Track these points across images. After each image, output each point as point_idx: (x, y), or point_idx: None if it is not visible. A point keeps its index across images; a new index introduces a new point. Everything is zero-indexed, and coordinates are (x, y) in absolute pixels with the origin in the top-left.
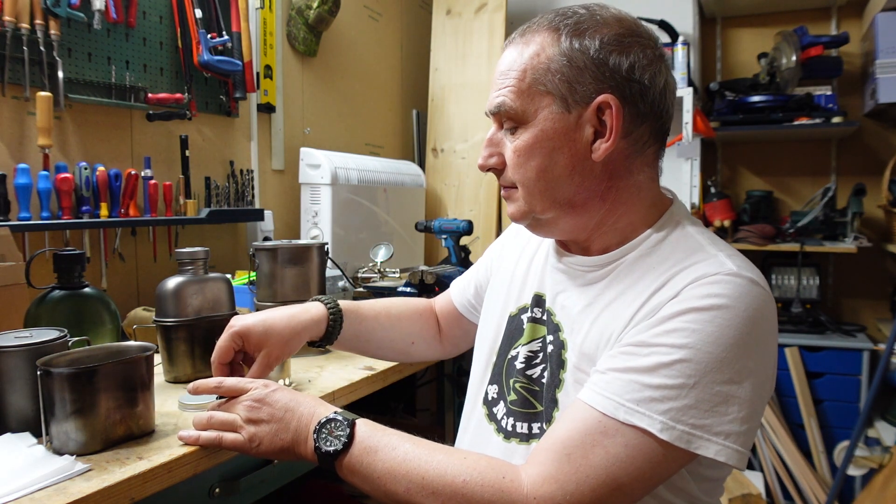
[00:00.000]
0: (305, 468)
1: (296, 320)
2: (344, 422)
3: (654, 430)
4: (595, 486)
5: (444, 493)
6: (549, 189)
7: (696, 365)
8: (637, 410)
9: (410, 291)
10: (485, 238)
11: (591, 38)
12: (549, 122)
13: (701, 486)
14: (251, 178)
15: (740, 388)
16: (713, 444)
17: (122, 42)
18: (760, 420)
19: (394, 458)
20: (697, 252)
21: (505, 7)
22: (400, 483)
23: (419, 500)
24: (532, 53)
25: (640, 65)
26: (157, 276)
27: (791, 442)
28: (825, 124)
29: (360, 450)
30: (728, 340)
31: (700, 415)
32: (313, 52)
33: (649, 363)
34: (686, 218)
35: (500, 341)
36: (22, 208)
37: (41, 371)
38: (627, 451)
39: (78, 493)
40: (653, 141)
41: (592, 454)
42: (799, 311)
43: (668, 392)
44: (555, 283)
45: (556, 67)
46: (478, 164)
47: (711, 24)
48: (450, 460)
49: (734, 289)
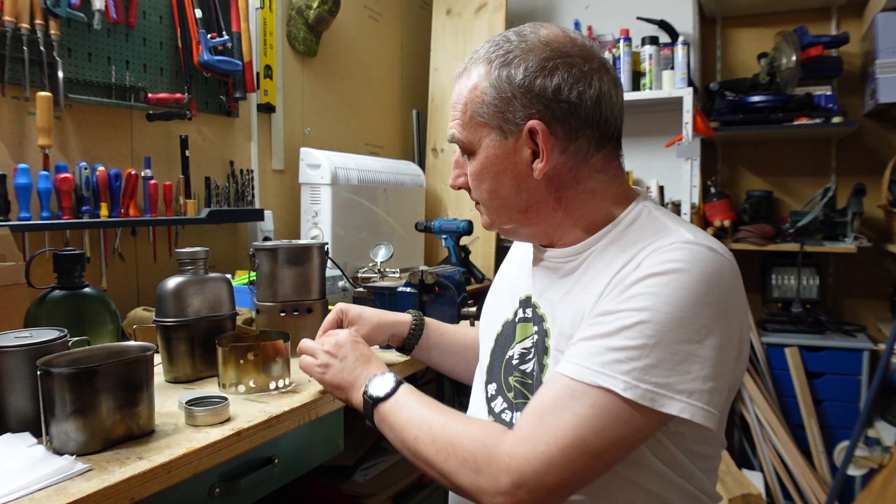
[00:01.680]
0: (305, 469)
1: (385, 316)
2: (394, 380)
3: (618, 390)
4: (564, 446)
5: (440, 441)
6: (502, 206)
7: (656, 325)
8: (601, 372)
9: (410, 291)
10: (485, 238)
11: (516, 67)
12: (490, 149)
13: (696, 464)
14: (251, 178)
15: (701, 347)
16: (677, 402)
17: (122, 42)
18: (727, 383)
19: (416, 412)
20: (661, 231)
21: (505, 7)
22: (412, 431)
23: (422, 445)
24: (470, 87)
25: (567, 84)
26: (157, 276)
27: (791, 442)
28: (825, 124)
29: (395, 402)
30: (685, 301)
31: (663, 373)
32: (313, 52)
33: (612, 328)
34: (654, 206)
35: (497, 346)
36: (22, 208)
37: (41, 371)
38: (594, 411)
39: (78, 493)
40: (596, 149)
41: (562, 415)
42: (799, 311)
43: (630, 353)
44: (539, 280)
45: (488, 100)
46: (449, 184)
47: (711, 24)
48: (455, 419)
49: (690, 254)
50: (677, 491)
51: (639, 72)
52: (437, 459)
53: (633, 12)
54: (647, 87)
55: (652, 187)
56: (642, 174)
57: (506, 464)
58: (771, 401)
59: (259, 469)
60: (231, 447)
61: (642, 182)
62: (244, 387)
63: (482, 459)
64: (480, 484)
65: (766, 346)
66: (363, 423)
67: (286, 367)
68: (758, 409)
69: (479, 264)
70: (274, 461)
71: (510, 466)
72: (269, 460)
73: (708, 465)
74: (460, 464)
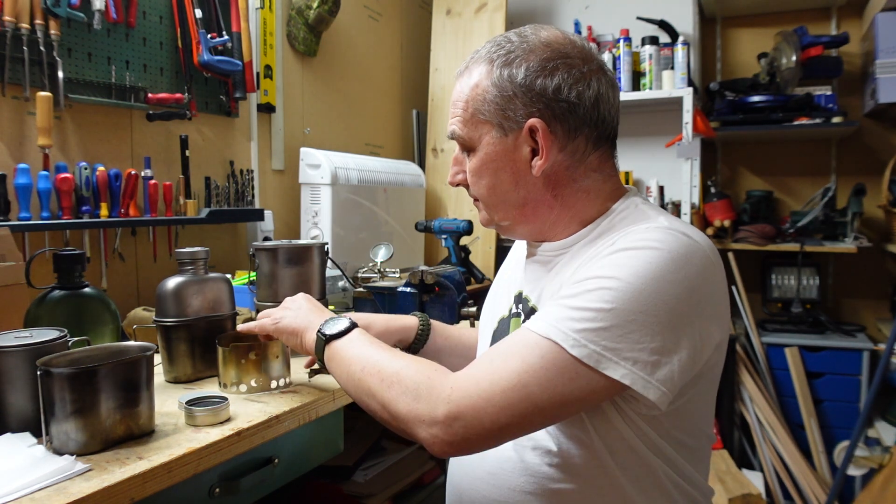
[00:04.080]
0: (305, 469)
1: (392, 321)
2: (349, 321)
3: (566, 346)
4: (506, 388)
5: (385, 371)
6: (500, 202)
7: (616, 292)
8: (555, 326)
9: (410, 291)
10: (485, 238)
11: (518, 66)
12: (490, 146)
13: (679, 452)
14: (251, 178)
15: (656, 322)
16: (620, 368)
17: (122, 42)
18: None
19: (367, 349)
20: (642, 218)
21: (505, 7)
22: (360, 363)
23: (367, 376)
24: (472, 85)
25: (567, 84)
26: (157, 276)
27: (791, 442)
28: (825, 124)
29: (349, 339)
30: (649, 275)
31: (612, 338)
32: (313, 52)
33: (577, 290)
34: (641, 201)
35: (493, 342)
36: (22, 208)
37: (41, 371)
38: (542, 361)
39: (78, 493)
40: (593, 148)
41: (511, 360)
42: (799, 311)
43: (586, 314)
44: (530, 273)
45: (490, 98)
46: (447, 180)
47: (711, 24)
48: (406, 357)
49: (664, 235)
50: (662, 480)
51: (639, 72)
52: (379, 388)
53: (633, 12)
54: (647, 87)
55: (652, 187)
56: (642, 174)
57: (446, 395)
58: (771, 401)
59: (259, 469)
60: (231, 447)
61: (642, 182)
62: (245, 386)
63: (424, 388)
64: (418, 411)
65: (766, 346)
66: (363, 423)
67: (286, 367)
68: (758, 409)
69: (479, 264)
70: (274, 461)
71: (450, 397)
72: (269, 460)
73: (693, 456)
74: (402, 392)
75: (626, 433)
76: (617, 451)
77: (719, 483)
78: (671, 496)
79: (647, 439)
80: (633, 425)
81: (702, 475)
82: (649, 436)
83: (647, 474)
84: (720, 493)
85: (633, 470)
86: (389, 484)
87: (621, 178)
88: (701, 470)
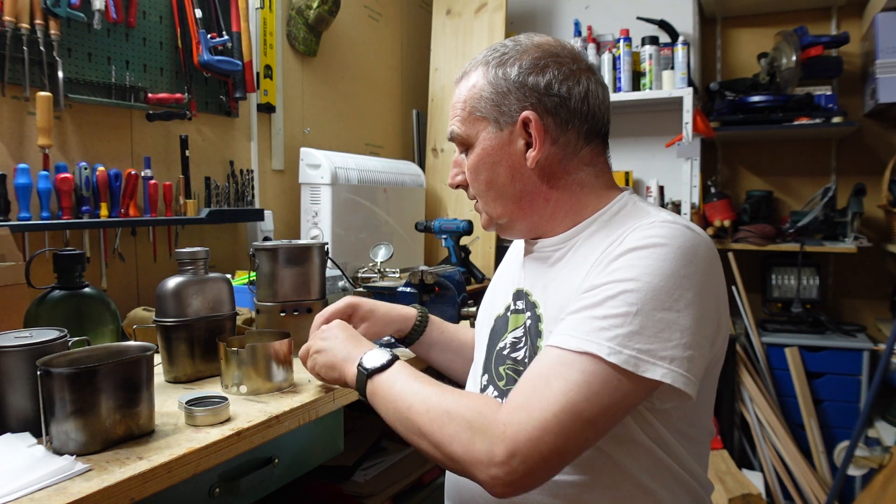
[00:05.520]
0: (305, 469)
1: (393, 310)
2: (389, 353)
3: (603, 355)
4: (557, 412)
5: (435, 410)
6: (498, 197)
7: (637, 294)
8: (587, 339)
9: (410, 291)
10: (485, 238)
11: (511, 65)
12: (487, 141)
13: (684, 445)
14: (251, 178)
15: (681, 316)
16: (659, 368)
17: (122, 42)
18: (706, 356)
19: (411, 384)
20: (643, 215)
21: (505, 7)
22: (406, 400)
23: (415, 415)
24: (470, 86)
25: (557, 80)
26: (157, 276)
27: (791, 442)
28: (825, 124)
29: (390, 373)
30: (665, 272)
31: (645, 340)
32: (313, 52)
33: (597, 299)
34: (638, 198)
35: (490, 341)
36: (22, 208)
37: (41, 371)
38: (583, 376)
39: (78, 493)
40: (584, 142)
41: (554, 383)
42: (799, 311)
43: (613, 321)
44: (529, 270)
45: (486, 95)
46: (448, 182)
47: (711, 24)
48: (451, 391)
49: (669, 230)
50: (665, 472)
51: (639, 72)
52: (431, 429)
53: (633, 12)
54: (647, 87)
55: (652, 187)
56: (642, 174)
57: (500, 432)
58: (771, 401)
59: (259, 469)
60: (231, 447)
61: (642, 182)
62: (245, 387)
63: (477, 428)
64: (475, 453)
65: (766, 346)
66: (363, 423)
67: (287, 367)
68: (758, 409)
69: (479, 264)
70: (274, 461)
71: (505, 434)
72: (269, 460)
73: (696, 450)
74: (455, 433)
75: (632, 426)
76: (623, 444)
77: (719, 483)
78: (674, 489)
79: (652, 431)
80: (638, 418)
81: (702, 468)
82: (655, 428)
83: (653, 467)
84: (720, 493)
85: (638, 462)
86: (389, 484)
87: (621, 177)
88: (702, 463)
